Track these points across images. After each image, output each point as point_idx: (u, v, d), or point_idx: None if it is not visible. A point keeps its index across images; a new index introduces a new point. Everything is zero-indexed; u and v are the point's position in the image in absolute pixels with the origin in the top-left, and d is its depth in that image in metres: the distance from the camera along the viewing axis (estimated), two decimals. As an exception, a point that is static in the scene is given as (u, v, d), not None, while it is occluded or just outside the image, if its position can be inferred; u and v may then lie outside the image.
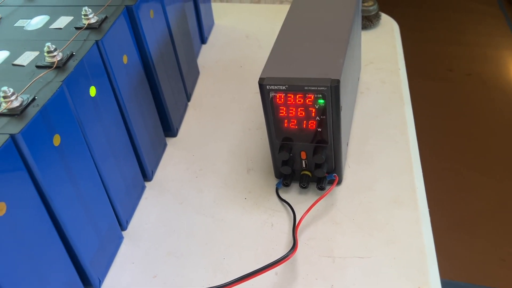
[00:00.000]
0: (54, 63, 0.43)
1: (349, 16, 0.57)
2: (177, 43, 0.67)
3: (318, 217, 0.54)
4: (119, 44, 0.51)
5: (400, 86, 0.71)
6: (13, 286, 0.37)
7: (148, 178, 0.61)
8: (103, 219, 0.50)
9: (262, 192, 0.58)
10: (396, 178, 0.57)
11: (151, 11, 0.58)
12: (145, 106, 0.58)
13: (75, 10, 0.52)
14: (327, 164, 0.54)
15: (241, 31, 0.89)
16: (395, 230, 0.51)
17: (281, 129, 0.52)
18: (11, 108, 0.38)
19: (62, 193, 0.42)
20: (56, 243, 0.42)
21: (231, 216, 0.55)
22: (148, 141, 0.60)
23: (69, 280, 0.45)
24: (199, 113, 0.72)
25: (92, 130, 0.47)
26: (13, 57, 0.46)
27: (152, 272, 0.50)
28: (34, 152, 0.38)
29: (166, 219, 0.56)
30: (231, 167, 0.62)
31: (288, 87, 0.48)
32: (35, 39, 0.49)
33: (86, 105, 0.45)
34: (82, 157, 0.45)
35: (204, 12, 0.84)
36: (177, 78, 0.68)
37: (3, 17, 0.53)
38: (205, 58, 0.82)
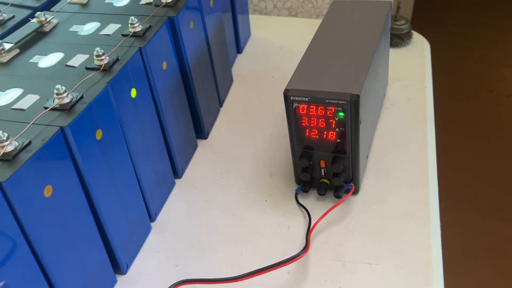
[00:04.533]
0: (101, 66, 0.49)
1: (375, 34, 0.60)
2: (214, 52, 0.71)
3: (333, 223, 0.57)
4: (160, 52, 0.56)
5: (425, 104, 0.73)
6: (53, 260, 0.42)
7: (178, 176, 0.66)
8: (134, 209, 0.55)
9: (282, 196, 0.61)
10: (411, 192, 0.59)
11: (191, 22, 0.63)
12: (180, 109, 0.63)
13: (123, 19, 0.58)
14: (345, 174, 0.57)
15: (275, 43, 0.93)
16: (405, 241, 0.53)
17: (302, 137, 0.56)
18: (62, 104, 0.43)
19: (100, 182, 0.47)
20: (91, 226, 0.47)
21: (251, 216, 0.59)
22: (180, 141, 0.64)
23: (101, 260, 0.50)
24: (229, 118, 0.76)
25: (131, 127, 0.52)
26: (66, 59, 0.52)
27: (174, 261, 0.55)
28: (79, 143, 0.43)
29: (191, 214, 0.60)
30: (255, 170, 0.66)
31: (311, 99, 0.52)
32: (86, 43, 0.54)
33: (126, 105, 0.51)
34: (120, 151, 0.50)
35: (241, 23, 0.88)
36: (211, 85, 0.72)
37: (60, 22, 0.59)
38: (240, 67, 0.87)
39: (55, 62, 0.51)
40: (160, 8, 0.59)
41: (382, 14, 0.65)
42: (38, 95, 0.46)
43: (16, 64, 0.51)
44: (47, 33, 0.57)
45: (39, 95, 0.46)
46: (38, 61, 0.52)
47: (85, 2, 0.63)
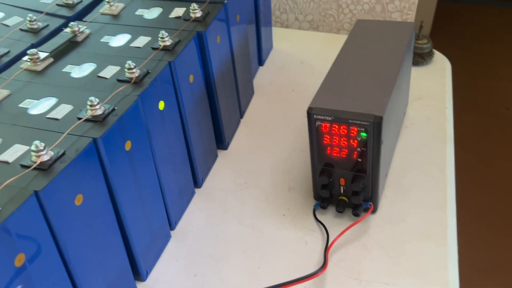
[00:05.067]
0: (132, 78, 0.50)
1: (399, 55, 0.61)
2: (237, 65, 0.73)
3: (350, 241, 0.57)
4: (187, 65, 0.58)
5: (445, 125, 0.73)
6: (79, 265, 0.43)
7: (198, 185, 0.67)
8: (156, 217, 0.56)
9: (300, 210, 0.62)
10: (429, 213, 0.59)
11: (218, 37, 0.64)
12: (203, 120, 0.65)
13: (153, 32, 0.60)
14: (364, 193, 0.58)
15: (297, 56, 0.94)
16: (421, 262, 0.54)
17: (323, 155, 0.57)
18: (95, 115, 0.45)
19: (126, 191, 0.49)
20: (116, 233, 0.49)
21: (269, 229, 0.60)
22: (202, 151, 0.66)
23: (123, 267, 0.51)
24: (250, 130, 0.77)
25: (157, 139, 0.53)
26: (98, 70, 0.53)
27: (193, 271, 0.56)
28: (109, 154, 0.45)
29: (210, 224, 0.62)
30: (273, 183, 0.67)
31: (334, 119, 0.53)
32: (117, 55, 0.56)
33: (155, 117, 0.52)
34: (146, 162, 0.52)
35: (264, 35, 0.90)
36: (233, 97, 0.74)
37: (92, 33, 0.61)
38: (261, 80, 0.88)
39: (87, 72, 0.53)
40: (189, 22, 0.61)
41: (406, 34, 0.65)
42: (71, 105, 0.47)
43: (50, 73, 0.53)
44: (80, 43, 0.59)
45: (72, 105, 0.47)
46: (71, 70, 0.53)
47: (116, 13, 0.64)
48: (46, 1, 0.67)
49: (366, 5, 1.13)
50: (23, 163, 0.39)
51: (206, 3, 0.65)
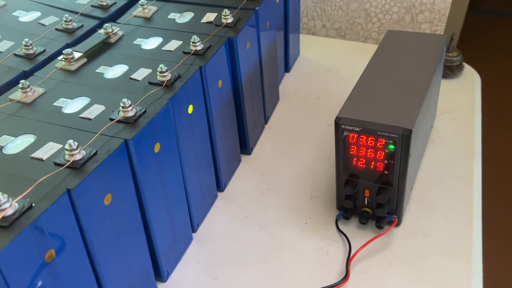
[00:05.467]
0: (164, 82, 0.51)
1: (431, 67, 0.61)
2: (265, 71, 0.73)
3: (373, 253, 0.57)
4: (217, 71, 0.58)
5: (473, 139, 0.72)
6: (104, 262, 0.44)
7: (221, 189, 0.67)
8: (179, 219, 0.57)
9: (322, 220, 0.62)
10: (455, 229, 0.59)
11: (248, 43, 0.65)
12: (229, 125, 0.65)
13: (184, 36, 0.60)
14: (389, 205, 0.57)
15: (323, 64, 0.94)
16: (444, 279, 0.53)
17: (349, 165, 0.56)
18: (127, 117, 0.46)
19: (153, 192, 0.49)
20: (141, 233, 0.49)
21: (290, 237, 0.60)
22: (226, 156, 0.66)
23: (145, 267, 0.52)
24: (274, 136, 0.77)
25: (185, 142, 0.54)
26: (130, 72, 0.54)
27: (213, 274, 0.56)
28: (139, 156, 0.45)
29: (232, 228, 0.62)
30: (296, 191, 0.67)
31: (362, 130, 0.53)
32: (149, 58, 0.57)
33: (183, 121, 0.53)
34: (173, 164, 0.52)
35: (292, 42, 0.90)
36: (259, 102, 0.74)
37: (125, 34, 0.62)
38: (286, 86, 0.88)
39: (119, 74, 0.54)
40: (220, 28, 0.61)
41: (438, 47, 0.65)
42: (103, 105, 0.48)
43: (84, 73, 0.54)
44: (113, 44, 0.60)
45: (104, 105, 0.48)
46: (104, 71, 0.54)
47: (149, 16, 0.65)
48: (81, 2, 0.69)
49: (395, 14, 1.12)
50: (56, 161, 0.40)
51: (237, 9, 0.65)
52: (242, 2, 0.67)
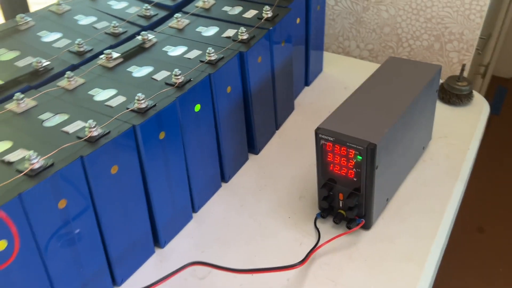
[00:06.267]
0: (176, 83, 0.63)
1: (414, 92, 0.68)
2: (277, 82, 0.83)
3: (339, 250, 0.65)
4: (226, 78, 0.69)
5: (461, 164, 0.77)
6: (109, 223, 0.56)
7: (225, 180, 0.78)
8: (181, 198, 0.68)
9: (304, 216, 0.71)
10: (418, 240, 0.65)
11: (259, 57, 0.75)
12: (236, 126, 0.76)
13: (205, 47, 0.72)
14: (358, 209, 0.65)
15: (343, 82, 1.02)
16: (395, 279, 0.60)
17: (326, 170, 0.65)
18: (139, 108, 0.58)
19: (156, 171, 0.61)
20: (142, 203, 0.61)
21: (273, 227, 0.69)
22: (232, 152, 0.77)
23: (145, 233, 0.63)
24: (282, 141, 0.87)
25: (190, 134, 0.65)
26: (153, 72, 0.67)
27: (202, 248, 0.67)
28: (145, 139, 0.57)
29: (227, 214, 0.72)
30: (288, 190, 0.76)
31: (335, 140, 0.61)
32: (172, 63, 0.69)
33: (189, 117, 0.64)
34: (177, 151, 0.64)
35: (313, 59, 0.99)
36: (270, 110, 0.84)
37: (158, 42, 0.75)
38: (303, 98, 0.97)
39: (145, 74, 0.67)
40: (235, 43, 0.73)
41: (429, 75, 0.71)
42: (125, 97, 0.61)
43: (117, 70, 0.67)
44: (146, 49, 0.73)
45: (126, 97, 0.61)
46: (133, 71, 0.67)
47: (181, 28, 0.78)
48: (130, 11, 0.83)
49: (425, 41, 1.17)
50: (78, 135, 0.53)
51: (254, 28, 0.76)
52: (259, 22, 0.77)
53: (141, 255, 0.64)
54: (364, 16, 1.22)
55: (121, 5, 0.84)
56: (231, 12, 0.82)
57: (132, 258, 0.62)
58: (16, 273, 0.46)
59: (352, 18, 1.24)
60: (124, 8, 0.83)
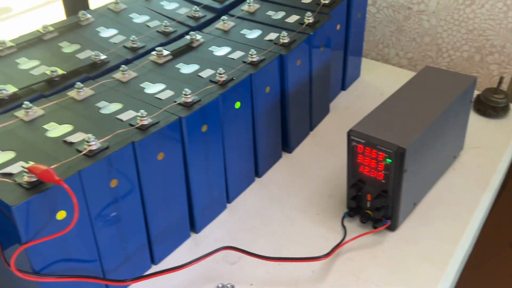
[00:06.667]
0: (219, 81, 0.68)
1: (447, 101, 0.70)
2: (314, 85, 0.87)
3: (364, 247, 0.68)
4: (266, 79, 0.74)
5: (492, 175, 0.79)
6: (152, 204, 0.62)
7: (259, 175, 0.82)
8: (217, 188, 0.73)
9: (332, 214, 0.74)
10: (442, 244, 0.67)
11: (298, 61, 0.79)
12: (272, 124, 0.80)
13: (248, 49, 0.77)
14: (385, 210, 0.68)
15: (379, 88, 1.04)
16: (416, 278, 0.62)
17: (356, 171, 0.68)
18: (186, 102, 0.63)
19: (197, 160, 0.66)
20: (182, 188, 0.66)
21: (302, 221, 0.73)
22: (267, 149, 0.81)
23: (183, 217, 0.69)
24: (315, 141, 0.90)
25: (229, 129, 0.70)
26: (199, 70, 0.72)
27: (233, 236, 0.72)
28: (189, 130, 0.62)
29: (258, 206, 0.77)
30: (319, 188, 0.79)
31: (366, 142, 0.64)
32: (216, 62, 0.74)
33: (230, 113, 0.69)
34: (217, 143, 0.69)
35: (351, 64, 1.02)
36: (305, 111, 0.88)
37: (205, 42, 0.80)
38: (339, 102, 1.00)
39: (191, 71, 0.72)
40: (277, 46, 0.77)
41: (463, 86, 0.73)
42: (173, 91, 0.66)
43: (167, 67, 0.73)
44: (193, 48, 0.78)
45: (174, 92, 0.66)
46: (181, 67, 0.73)
47: (227, 29, 0.83)
48: (180, 12, 0.89)
49: (465, 52, 1.18)
50: (131, 123, 0.59)
51: (295, 32, 0.80)
52: (301, 27, 0.81)
53: (178, 238, 0.69)
54: (405, 24, 1.24)
55: (172, 5, 0.90)
56: (274, 16, 0.86)
57: (170, 240, 0.68)
58: (71, 240, 0.52)
59: (393, 26, 1.26)
60: (175, 9, 0.89)
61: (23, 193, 0.47)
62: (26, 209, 0.46)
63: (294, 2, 0.90)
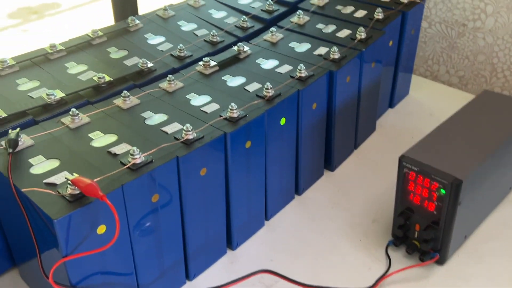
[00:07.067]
0: (266, 96, 0.66)
1: (508, 130, 0.65)
2: (362, 102, 0.83)
3: (411, 279, 0.64)
4: (313, 95, 0.71)
5: (552, 210, 0.73)
6: (191, 217, 0.60)
7: (298, 192, 0.80)
8: (256, 205, 0.70)
9: (375, 241, 0.70)
10: (495, 285, 0.62)
11: (348, 77, 0.76)
12: (316, 141, 0.77)
13: (296, 63, 0.74)
14: (434, 243, 0.63)
15: (428, 107, 1.00)
16: (466, 321, 0.58)
17: (405, 198, 0.64)
18: (231, 117, 0.61)
19: (238, 176, 0.64)
20: (222, 205, 0.64)
21: (343, 247, 0.70)
22: (309, 166, 0.78)
23: (220, 233, 0.67)
24: (359, 160, 0.87)
25: (272, 145, 0.68)
26: (246, 83, 0.70)
27: (271, 256, 0.69)
28: (233, 146, 0.60)
29: (297, 226, 0.74)
30: (361, 211, 0.76)
31: (419, 170, 0.61)
32: (263, 75, 0.72)
33: (274, 129, 0.67)
34: (259, 160, 0.66)
35: (401, 81, 0.98)
36: (351, 129, 0.84)
37: (252, 53, 0.78)
38: (386, 120, 0.96)
39: (238, 84, 0.70)
40: (326, 61, 0.74)
41: (526, 114, 0.68)
42: (219, 105, 0.65)
43: (213, 78, 0.71)
44: (240, 59, 0.76)
45: (219, 105, 0.65)
46: (227, 79, 0.71)
47: (275, 42, 0.81)
48: (228, 21, 0.87)
49: (523, 73, 1.11)
50: (176, 136, 0.57)
51: (346, 48, 0.77)
52: (352, 42, 0.78)
53: (214, 254, 0.68)
54: (458, 41, 1.18)
55: (220, 14, 0.89)
56: (324, 30, 0.83)
57: (206, 256, 0.66)
58: (109, 254, 0.51)
59: (445, 42, 1.20)
60: (223, 18, 0.88)
61: (65, 206, 0.46)
62: (67, 223, 0.45)
63: (345, 16, 0.87)
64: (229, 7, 0.91)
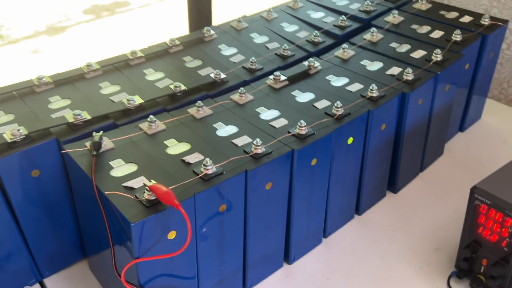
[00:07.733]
0: (335, 114, 0.66)
1: None
2: (432, 125, 0.81)
3: (471, 316, 0.62)
4: (383, 116, 0.70)
5: None
6: (253, 234, 0.61)
7: (359, 212, 0.79)
8: (316, 221, 0.71)
9: (437, 270, 0.68)
10: None
11: (420, 100, 0.74)
12: (382, 162, 0.76)
13: (367, 82, 0.74)
14: (502, 280, 0.61)
15: (502, 134, 0.95)
16: None
17: (474, 231, 0.62)
18: (299, 134, 0.62)
19: (301, 191, 0.64)
20: (282, 219, 0.65)
21: (402, 274, 0.68)
22: (372, 186, 0.77)
23: (279, 246, 0.68)
24: (424, 184, 0.84)
25: (337, 164, 0.67)
26: (315, 100, 0.70)
27: (327, 274, 0.69)
28: (299, 163, 0.61)
29: (355, 246, 0.73)
30: (424, 238, 0.74)
31: (492, 204, 0.58)
32: (333, 93, 0.72)
33: (341, 148, 0.67)
34: (323, 178, 0.67)
35: (474, 105, 0.94)
36: (418, 151, 0.82)
37: (322, 69, 0.78)
38: (455, 144, 0.93)
39: (307, 100, 0.71)
40: (399, 82, 0.73)
41: None
42: (287, 120, 0.66)
43: (282, 93, 0.72)
44: (310, 75, 0.77)
45: (288, 120, 0.66)
46: (296, 95, 0.72)
47: (346, 58, 0.80)
48: (300, 35, 0.88)
49: None
50: (245, 149, 0.59)
51: (420, 70, 0.75)
52: (427, 64, 0.76)
53: (271, 266, 0.69)
54: (539, 65, 1.12)
55: (292, 28, 0.90)
56: (398, 49, 0.82)
57: (263, 267, 0.67)
58: (176, 258, 0.53)
59: (524, 65, 1.14)
60: (295, 32, 0.89)
61: (142, 211, 0.48)
62: (142, 227, 0.48)
63: (420, 36, 0.85)
64: (302, 21, 0.92)
